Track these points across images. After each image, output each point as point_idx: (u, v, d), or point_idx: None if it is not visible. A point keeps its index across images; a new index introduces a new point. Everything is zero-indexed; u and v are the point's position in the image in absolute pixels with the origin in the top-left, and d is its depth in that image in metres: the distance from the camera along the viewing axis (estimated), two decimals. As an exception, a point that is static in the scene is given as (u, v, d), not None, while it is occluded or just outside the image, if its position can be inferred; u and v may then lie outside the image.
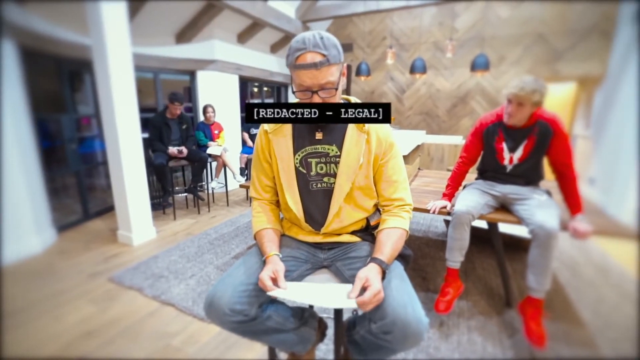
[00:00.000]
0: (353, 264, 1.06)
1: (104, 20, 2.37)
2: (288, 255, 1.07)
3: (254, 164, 1.16)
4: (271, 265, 0.96)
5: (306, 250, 1.13)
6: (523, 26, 4.78)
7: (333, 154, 1.04)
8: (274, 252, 1.01)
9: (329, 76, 0.92)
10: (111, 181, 2.76)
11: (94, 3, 2.36)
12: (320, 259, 1.13)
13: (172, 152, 3.41)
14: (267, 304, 1.02)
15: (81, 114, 3.38)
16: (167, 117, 3.52)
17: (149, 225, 2.93)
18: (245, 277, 0.97)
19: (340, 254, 1.11)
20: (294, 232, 1.16)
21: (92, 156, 3.60)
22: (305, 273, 1.10)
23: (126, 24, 2.53)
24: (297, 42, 0.91)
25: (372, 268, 0.91)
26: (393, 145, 1.07)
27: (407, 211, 1.07)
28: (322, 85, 0.92)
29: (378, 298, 0.85)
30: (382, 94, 5.99)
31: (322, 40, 0.90)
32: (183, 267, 2.39)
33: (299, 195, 1.07)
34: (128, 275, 2.27)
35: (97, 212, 3.48)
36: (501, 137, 1.76)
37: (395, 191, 1.07)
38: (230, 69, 4.59)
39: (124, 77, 2.55)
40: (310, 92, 0.93)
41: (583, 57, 4.52)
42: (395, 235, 1.00)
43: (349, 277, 1.04)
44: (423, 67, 4.63)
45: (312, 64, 0.89)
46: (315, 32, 0.92)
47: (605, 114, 4.16)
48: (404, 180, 1.09)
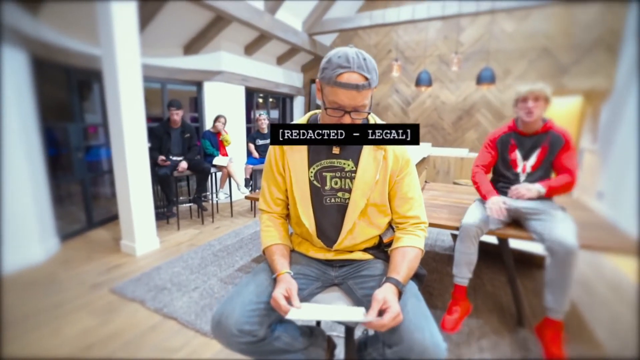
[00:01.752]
0: (365, 282, 1.03)
1: (115, 31, 2.40)
2: (298, 273, 1.04)
3: (265, 175, 1.13)
4: (284, 283, 0.93)
5: (317, 268, 1.10)
6: (528, 40, 4.80)
7: (349, 169, 1.03)
8: (285, 269, 0.98)
9: (365, 99, 0.91)
10: (116, 190, 2.74)
11: (105, 14, 2.38)
12: (331, 277, 1.10)
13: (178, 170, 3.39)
14: (276, 324, 0.98)
15: (88, 122, 3.39)
16: (169, 126, 3.52)
17: (152, 236, 2.90)
18: (254, 296, 0.94)
19: (352, 272, 1.08)
20: (304, 249, 1.13)
21: (98, 164, 3.60)
22: (315, 291, 1.07)
23: (136, 35, 2.55)
24: (340, 59, 0.88)
25: (389, 289, 0.88)
26: (409, 162, 1.05)
27: (423, 229, 1.04)
28: (358, 107, 0.91)
29: (397, 320, 0.82)
30: (387, 106, 6.00)
31: (365, 62, 0.89)
32: (186, 279, 2.35)
33: (312, 210, 1.05)
34: (130, 286, 2.23)
35: (101, 221, 3.46)
36: (514, 145, 1.81)
37: (411, 208, 1.04)
38: (237, 80, 4.63)
39: (133, 87, 2.57)
40: (343, 112, 0.92)
41: (589, 71, 4.52)
42: (411, 255, 0.97)
43: (360, 296, 1.01)
44: (428, 80, 4.64)
45: (354, 85, 0.87)
46: (357, 51, 0.90)
47: (612, 127, 4.14)
48: (419, 197, 1.07)
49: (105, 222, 3.49)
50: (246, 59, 4.81)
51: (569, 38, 4.58)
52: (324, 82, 0.92)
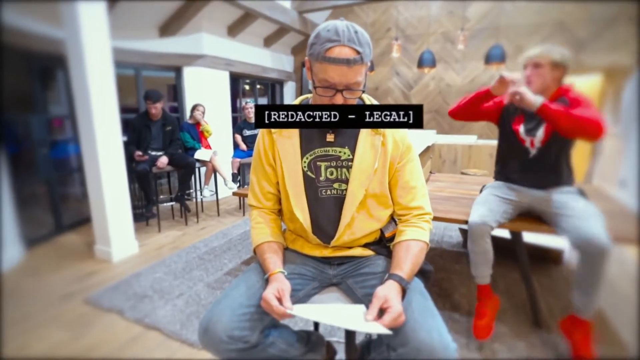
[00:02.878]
0: (366, 280, 1.03)
1: (80, 10, 2.35)
2: (293, 273, 1.04)
3: (254, 167, 1.13)
4: (276, 283, 0.93)
5: (313, 266, 1.10)
6: (541, 14, 4.81)
7: (345, 158, 1.02)
8: (278, 269, 0.98)
9: (358, 76, 0.90)
10: (87, 190, 2.71)
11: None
12: (329, 276, 1.10)
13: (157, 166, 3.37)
14: (270, 329, 0.98)
15: (53, 114, 3.35)
16: (149, 118, 3.49)
17: (130, 239, 2.88)
18: (245, 299, 0.94)
19: (352, 269, 1.08)
20: (299, 246, 1.13)
21: (66, 162, 3.56)
22: (312, 292, 1.07)
23: (104, 15, 2.51)
24: (329, 32, 0.88)
25: (391, 286, 0.88)
26: (410, 147, 1.05)
27: (427, 221, 1.05)
28: (350, 84, 0.91)
29: (399, 322, 0.82)
30: (387, 90, 6.00)
31: (356, 35, 0.89)
32: (169, 286, 2.34)
33: (307, 203, 1.04)
34: (106, 295, 2.21)
35: (71, 224, 3.43)
36: (521, 117, 1.68)
37: (414, 198, 1.04)
38: (220, 64, 4.59)
39: (103, 73, 2.53)
40: (334, 90, 0.91)
41: (609, 46, 4.54)
42: (415, 249, 0.97)
43: (361, 295, 1.01)
44: (432, 61, 4.64)
45: (344, 60, 0.87)
46: (348, 24, 0.90)
47: (635, 108, 4.17)
48: (422, 186, 1.07)
49: (76, 225, 3.46)
50: (230, 41, 4.76)
51: (587, 10, 4.58)
52: (312, 59, 0.92)
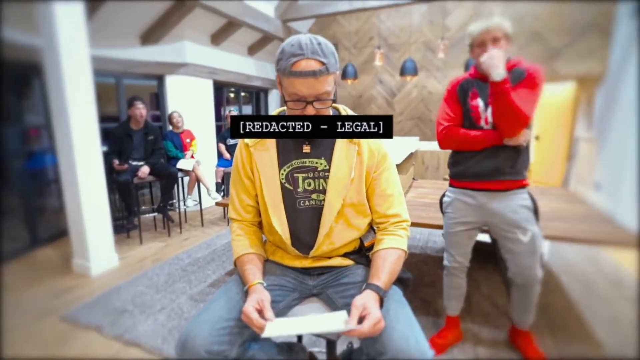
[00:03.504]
0: (346, 290, 1.03)
1: (57, 18, 2.31)
2: (273, 284, 1.03)
3: (233, 181, 1.13)
4: (255, 294, 0.91)
5: (293, 277, 1.09)
6: (517, 24, 4.96)
7: (322, 169, 1.03)
8: (257, 280, 0.97)
9: (326, 86, 0.92)
10: (65, 201, 2.64)
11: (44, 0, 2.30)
12: (309, 287, 1.10)
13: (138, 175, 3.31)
14: (250, 342, 0.97)
15: (29, 124, 3.26)
16: (130, 127, 3.43)
17: (110, 252, 2.81)
18: (225, 312, 0.92)
19: (332, 279, 1.08)
20: (278, 257, 1.12)
21: (42, 173, 3.46)
22: (292, 303, 1.06)
23: (83, 23, 2.47)
24: (293, 47, 0.90)
25: (369, 295, 0.88)
26: (386, 156, 1.07)
27: (405, 229, 1.06)
28: (319, 95, 0.92)
29: (378, 327, 0.82)
30: (370, 98, 6.07)
31: (320, 47, 0.90)
32: (151, 299, 2.28)
33: (285, 215, 1.04)
34: (84, 311, 2.14)
35: (48, 238, 3.32)
36: (475, 92, 1.54)
37: (391, 206, 1.05)
38: (203, 73, 4.56)
39: (81, 82, 2.48)
40: (305, 102, 0.93)
41: (582, 55, 4.71)
42: (392, 257, 0.98)
43: (341, 305, 1.01)
44: (414, 69, 4.73)
45: (310, 72, 0.88)
46: (311, 37, 0.92)
47: (607, 114, 4.33)
48: (399, 194, 1.08)
49: (53, 239, 3.35)
50: (213, 49, 4.75)
51: (560, 20, 4.76)
52: (280, 74, 0.94)
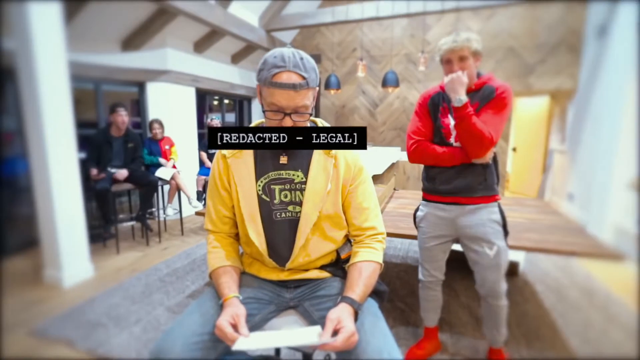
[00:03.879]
0: (322, 303, 1.03)
1: (32, 19, 2.25)
2: (249, 297, 1.02)
3: (209, 192, 1.12)
4: (230, 308, 0.90)
5: (270, 290, 1.09)
6: (494, 39, 5.15)
7: (298, 181, 1.04)
8: (233, 293, 0.96)
9: (305, 99, 0.94)
10: (37, 209, 2.55)
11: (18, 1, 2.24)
12: (286, 299, 1.09)
13: (115, 177, 3.24)
14: (225, 355, 0.95)
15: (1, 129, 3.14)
16: (110, 134, 3.36)
17: (84, 262, 2.72)
18: (198, 326, 0.91)
19: (308, 292, 1.08)
20: (255, 269, 1.11)
21: (13, 180, 3.33)
22: (269, 316, 1.05)
23: (60, 26, 2.42)
24: (275, 59, 0.92)
25: (343, 308, 0.89)
26: (362, 169, 1.08)
27: (380, 241, 1.07)
28: (297, 108, 0.94)
29: (351, 341, 0.83)
30: (353, 108, 6.14)
31: (302, 61, 0.93)
32: (126, 312, 2.22)
33: (262, 226, 1.04)
34: (55, 325, 2.06)
35: (17, 247, 3.18)
36: (446, 108, 1.52)
37: (367, 219, 1.06)
38: (186, 80, 4.52)
39: (57, 87, 2.42)
40: (283, 114, 0.94)
41: (554, 71, 4.92)
42: (367, 270, 0.99)
43: (317, 318, 1.01)
44: (395, 80, 4.82)
45: (290, 85, 0.91)
46: (294, 51, 0.94)
47: (579, 127, 4.52)
48: (375, 207, 1.10)
49: (23, 248, 3.21)
50: (196, 57, 4.72)
51: (533, 38, 4.97)
52: (261, 84, 0.96)
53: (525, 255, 2.91)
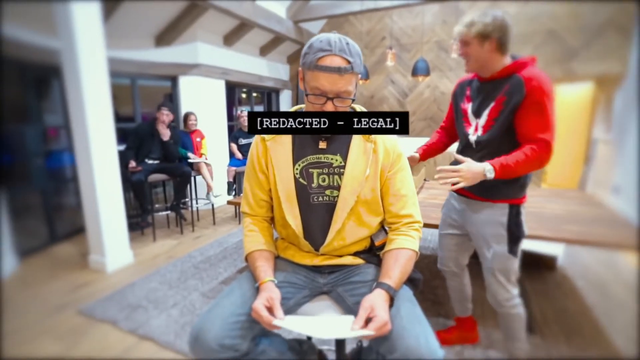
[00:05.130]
0: (356, 289, 1.04)
1: (75, 20, 2.38)
2: (284, 281, 1.05)
3: (247, 175, 1.15)
4: (265, 292, 0.93)
5: (304, 275, 1.11)
6: (532, 23, 4.89)
7: (337, 165, 1.05)
8: (268, 277, 0.99)
9: (348, 85, 0.94)
10: (82, 199, 2.71)
11: (63, 1, 2.37)
12: (320, 285, 1.11)
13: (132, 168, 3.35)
14: (261, 337, 0.99)
15: (48, 124, 3.36)
16: (156, 128, 3.52)
17: (125, 249, 2.88)
18: (236, 307, 0.95)
19: (342, 278, 1.10)
20: (290, 254, 1.14)
21: (61, 172, 3.56)
22: (302, 300, 1.08)
23: (100, 25, 2.54)
24: (321, 42, 0.93)
25: (378, 295, 0.89)
26: (401, 156, 1.08)
27: (417, 229, 1.06)
28: (340, 93, 0.95)
29: (384, 331, 0.83)
30: (382, 98, 6.05)
31: (347, 46, 0.93)
32: (164, 296, 2.34)
33: (299, 209, 1.06)
34: (100, 306, 2.21)
35: (66, 234, 3.42)
36: (469, 96, 1.44)
37: (404, 207, 1.06)
38: (216, 73, 4.63)
39: (98, 83, 2.55)
40: (325, 98, 0.95)
41: (600, 55, 4.61)
42: (404, 257, 0.99)
43: (352, 304, 1.02)
44: (426, 69, 4.70)
45: (336, 69, 0.91)
46: (340, 36, 0.95)
47: (627, 115, 4.22)
48: (412, 194, 1.09)
49: (71, 235, 3.45)
50: (226, 50, 4.81)
51: (577, 19, 4.67)
52: (305, 68, 0.96)
53: (565, 249, 2.79)
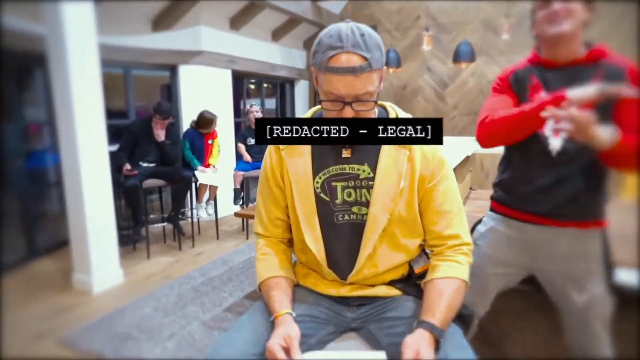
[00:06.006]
0: (393, 327, 1.00)
1: (63, 3, 2.43)
2: (304, 314, 1.02)
3: (260, 190, 1.14)
4: (282, 328, 0.91)
5: (328, 307, 1.08)
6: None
7: (365, 176, 1.02)
8: (285, 309, 0.97)
9: (368, 85, 0.91)
10: (66, 207, 2.76)
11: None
12: (348, 320, 1.08)
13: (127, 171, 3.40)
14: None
15: (29, 119, 3.44)
16: (152, 127, 3.58)
17: (114, 266, 2.91)
18: (250, 346, 0.92)
19: (375, 312, 1.06)
20: (311, 282, 1.11)
21: (43, 174, 3.65)
22: (326, 338, 1.05)
23: (91, 8, 2.60)
24: (331, 38, 0.90)
25: (421, 336, 0.86)
26: (444, 162, 1.04)
27: (465, 253, 1.02)
28: (359, 96, 0.92)
29: None
30: (417, 89, 6.00)
31: (363, 38, 0.89)
32: (159, 324, 2.34)
33: (320, 231, 1.04)
34: (85, 335, 2.23)
35: (46, 248, 3.48)
36: (537, 84, 1.29)
37: (449, 226, 1.02)
38: (221, 62, 4.68)
39: (87, 73, 2.61)
40: (342, 103, 0.93)
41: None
42: (450, 289, 0.95)
43: (386, 345, 0.99)
44: (470, 54, 4.63)
45: (349, 69, 0.88)
46: (353, 26, 0.91)
47: None
48: (459, 210, 1.05)
49: (52, 249, 3.51)
50: (233, 34, 4.87)
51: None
52: (316, 69, 0.94)
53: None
